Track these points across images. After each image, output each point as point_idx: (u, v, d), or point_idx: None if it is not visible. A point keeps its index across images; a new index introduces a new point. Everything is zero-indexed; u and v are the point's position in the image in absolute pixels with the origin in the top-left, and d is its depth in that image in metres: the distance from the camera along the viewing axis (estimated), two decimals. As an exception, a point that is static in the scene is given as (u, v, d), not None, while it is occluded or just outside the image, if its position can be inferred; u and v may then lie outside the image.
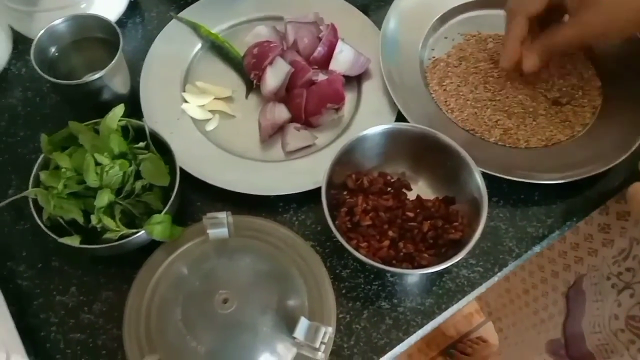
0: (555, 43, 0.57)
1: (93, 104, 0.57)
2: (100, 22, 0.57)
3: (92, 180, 0.49)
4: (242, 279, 0.49)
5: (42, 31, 0.55)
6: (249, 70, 0.62)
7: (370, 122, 0.59)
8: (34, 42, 0.54)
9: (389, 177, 0.56)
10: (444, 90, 0.62)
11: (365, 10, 0.67)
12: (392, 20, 0.64)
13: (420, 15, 0.66)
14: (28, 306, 0.52)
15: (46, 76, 0.53)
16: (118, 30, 0.55)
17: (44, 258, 0.54)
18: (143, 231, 0.49)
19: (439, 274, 0.54)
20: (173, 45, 0.63)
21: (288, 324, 0.46)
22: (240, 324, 0.46)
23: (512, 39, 0.58)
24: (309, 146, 0.59)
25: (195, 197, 0.56)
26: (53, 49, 0.57)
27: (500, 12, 0.67)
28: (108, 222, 0.48)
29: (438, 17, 0.66)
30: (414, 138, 0.54)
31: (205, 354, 0.45)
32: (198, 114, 0.60)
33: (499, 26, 0.66)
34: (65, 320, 0.51)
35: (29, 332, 0.50)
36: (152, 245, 0.51)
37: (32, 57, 0.53)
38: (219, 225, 0.49)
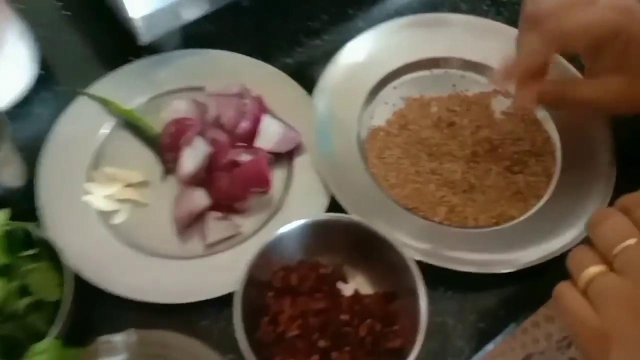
0: (568, 98, 0.48)
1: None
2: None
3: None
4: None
5: None
6: (164, 151, 0.55)
7: (302, 203, 0.54)
8: None
9: (322, 270, 0.50)
10: (384, 163, 0.56)
11: (300, 74, 0.61)
12: (324, 88, 0.58)
13: (356, 81, 0.60)
14: None
15: None
16: (5, 118, 0.49)
17: None
18: (24, 363, 0.41)
19: (380, 385, 0.47)
20: (79, 126, 0.56)
21: None
22: None
23: (525, 63, 0.47)
24: (233, 236, 0.52)
25: (97, 307, 0.49)
26: None
27: (444, 72, 0.63)
28: (-22, 357, 0.41)
29: (376, 82, 0.60)
30: (344, 228, 0.48)
31: None
32: (104, 205, 0.53)
33: (442, 88, 0.61)
34: None
35: None
36: (43, 372, 0.43)
37: None
38: (114, 351, 0.42)
